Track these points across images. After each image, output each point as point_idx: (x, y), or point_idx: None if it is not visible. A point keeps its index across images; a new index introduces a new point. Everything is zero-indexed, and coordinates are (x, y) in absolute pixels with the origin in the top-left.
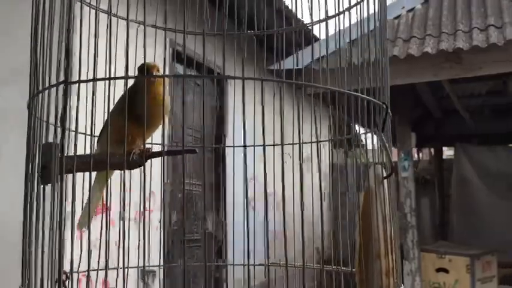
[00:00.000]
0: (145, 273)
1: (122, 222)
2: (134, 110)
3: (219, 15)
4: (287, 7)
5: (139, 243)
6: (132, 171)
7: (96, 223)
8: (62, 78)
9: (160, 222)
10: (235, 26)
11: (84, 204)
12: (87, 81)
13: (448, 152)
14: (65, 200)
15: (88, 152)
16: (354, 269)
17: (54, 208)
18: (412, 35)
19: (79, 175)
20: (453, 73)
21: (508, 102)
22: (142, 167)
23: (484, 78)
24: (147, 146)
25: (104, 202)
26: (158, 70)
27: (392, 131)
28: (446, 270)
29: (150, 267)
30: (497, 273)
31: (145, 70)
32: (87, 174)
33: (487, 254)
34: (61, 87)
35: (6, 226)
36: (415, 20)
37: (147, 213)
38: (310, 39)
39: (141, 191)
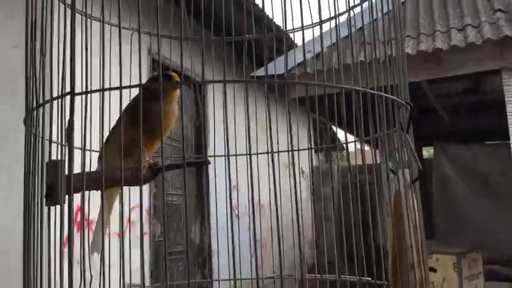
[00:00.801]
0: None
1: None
2: (148, 121)
3: (195, 22)
4: (266, 14)
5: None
6: None
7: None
8: (56, 92)
9: (141, 237)
10: (211, 33)
11: (94, 227)
12: (96, 91)
13: (428, 151)
14: (73, 222)
15: (86, 168)
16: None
17: (63, 229)
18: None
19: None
20: (433, 73)
21: (482, 100)
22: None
23: (461, 77)
24: (155, 159)
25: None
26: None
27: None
28: (434, 270)
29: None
30: (483, 269)
31: (160, 78)
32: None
33: (472, 251)
34: (64, 99)
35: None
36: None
37: (132, 227)
38: (291, 45)
39: (121, 206)
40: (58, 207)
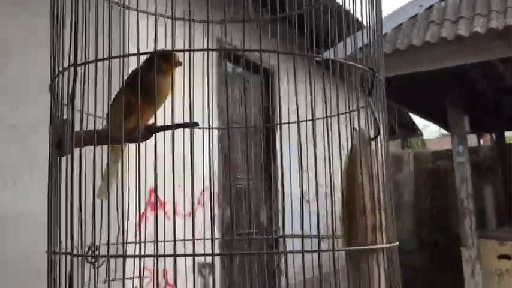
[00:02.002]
0: (202, 266)
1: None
2: (144, 87)
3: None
4: None
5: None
6: (184, 166)
7: (151, 217)
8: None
9: (212, 213)
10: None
11: (102, 175)
12: (102, 60)
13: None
14: (81, 171)
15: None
16: None
17: (73, 180)
18: (460, 16)
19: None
20: (505, 51)
21: None
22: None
23: None
24: (152, 122)
25: (122, 176)
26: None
27: (444, 115)
28: (508, 257)
29: (206, 261)
30: None
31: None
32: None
33: None
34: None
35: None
36: (463, 1)
37: (200, 207)
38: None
39: (192, 185)
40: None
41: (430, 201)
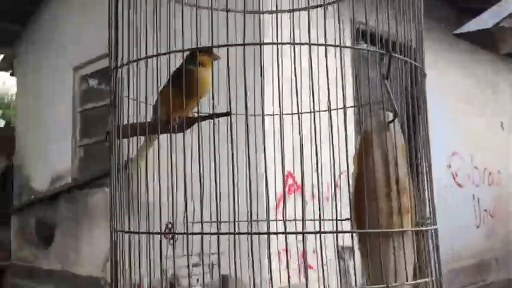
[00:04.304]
0: (341, 248)
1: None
2: (186, 83)
3: None
4: None
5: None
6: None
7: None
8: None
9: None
10: None
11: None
12: (150, 57)
13: None
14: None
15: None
16: None
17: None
18: None
19: None
20: None
21: None
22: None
23: None
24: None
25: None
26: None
27: None
28: None
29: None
30: None
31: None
32: None
33: None
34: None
35: None
36: None
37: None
38: None
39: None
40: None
41: None
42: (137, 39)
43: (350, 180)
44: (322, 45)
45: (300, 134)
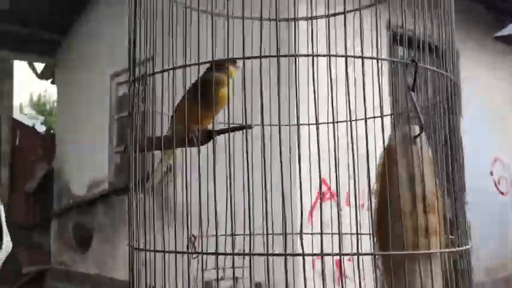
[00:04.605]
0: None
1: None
2: (205, 95)
3: None
4: None
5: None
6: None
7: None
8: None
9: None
10: None
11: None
12: (178, 67)
13: None
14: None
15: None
16: None
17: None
18: None
19: None
20: None
21: None
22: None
23: None
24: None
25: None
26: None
27: None
28: None
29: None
30: None
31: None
32: None
33: None
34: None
35: None
36: None
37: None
38: None
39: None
40: None
41: None
42: (171, 51)
43: (372, 198)
44: (359, 57)
45: (335, 143)
